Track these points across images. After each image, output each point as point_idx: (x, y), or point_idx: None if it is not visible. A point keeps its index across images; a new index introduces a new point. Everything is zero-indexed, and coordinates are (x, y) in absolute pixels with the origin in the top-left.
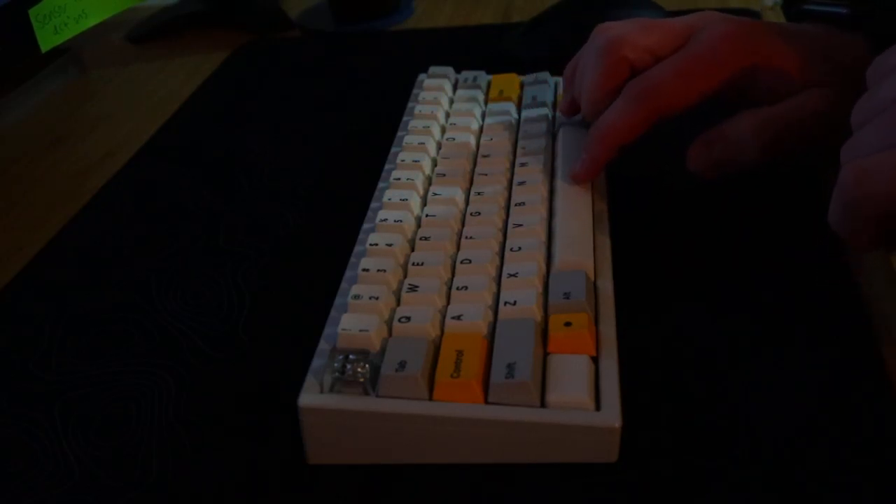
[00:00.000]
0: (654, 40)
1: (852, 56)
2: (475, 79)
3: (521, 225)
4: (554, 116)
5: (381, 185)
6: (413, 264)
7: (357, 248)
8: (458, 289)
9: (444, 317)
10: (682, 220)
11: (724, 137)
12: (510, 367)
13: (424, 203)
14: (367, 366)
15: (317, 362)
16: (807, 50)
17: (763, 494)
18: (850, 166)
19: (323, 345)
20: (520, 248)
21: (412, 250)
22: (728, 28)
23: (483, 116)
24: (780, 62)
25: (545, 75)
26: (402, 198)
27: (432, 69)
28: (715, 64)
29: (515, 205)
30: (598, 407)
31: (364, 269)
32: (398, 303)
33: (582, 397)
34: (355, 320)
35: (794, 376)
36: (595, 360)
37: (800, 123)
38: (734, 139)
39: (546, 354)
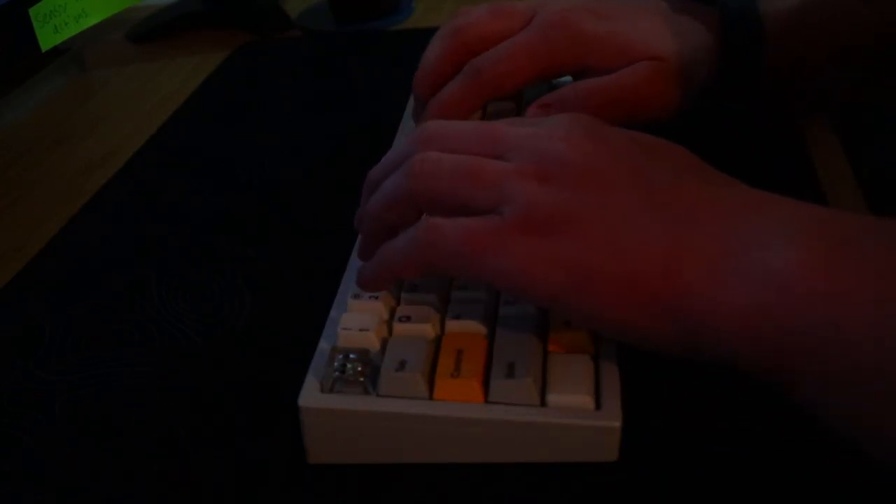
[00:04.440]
0: (499, 26)
1: (694, 29)
2: None
3: None
4: None
5: None
6: None
7: (357, 248)
8: (458, 288)
9: (444, 316)
10: None
11: (560, 102)
12: (510, 367)
13: None
14: (367, 365)
15: (317, 362)
16: (642, 27)
17: (763, 494)
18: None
19: (323, 344)
20: None
21: None
22: (560, 11)
23: (483, 115)
24: (610, 42)
25: None
26: None
27: None
28: (542, 47)
29: None
30: (598, 406)
31: None
32: (398, 302)
33: (582, 397)
34: (355, 320)
35: None
36: (595, 358)
37: (621, 93)
38: (565, 105)
39: (546, 353)
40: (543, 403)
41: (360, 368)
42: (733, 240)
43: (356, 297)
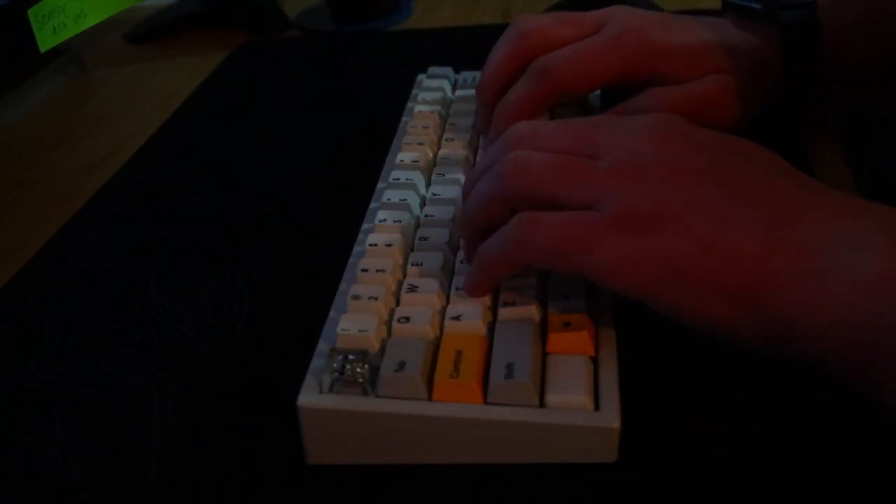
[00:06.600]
0: (565, 33)
1: (756, 45)
2: (474, 79)
3: None
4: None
5: (380, 185)
6: (412, 264)
7: (356, 248)
8: (457, 289)
9: (443, 317)
10: None
11: (628, 110)
12: (509, 368)
13: (423, 203)
14: (366, 366)
15: (316, 362)
16: (709, 41)
17: (763, 494)
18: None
19: (322, 345)
20: None
21: (411, 250)
22: (632, 21)
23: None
24: (680, 53)
25: None
26: (402, 198)
27: (431, 69)
28: (614, 52)
29: None
30: (597, 407)
31: (363, 270)
32: (397, 303)
33: (581, 397)
34: (354, 321)
35: (795, 376)
36: (594, 360)
37: (695, 103)
38: (636, 112)
39: (545, 354)
40: (542, 404)
41: (359, 369)
42: (826, 240)
43: (356, 297)
